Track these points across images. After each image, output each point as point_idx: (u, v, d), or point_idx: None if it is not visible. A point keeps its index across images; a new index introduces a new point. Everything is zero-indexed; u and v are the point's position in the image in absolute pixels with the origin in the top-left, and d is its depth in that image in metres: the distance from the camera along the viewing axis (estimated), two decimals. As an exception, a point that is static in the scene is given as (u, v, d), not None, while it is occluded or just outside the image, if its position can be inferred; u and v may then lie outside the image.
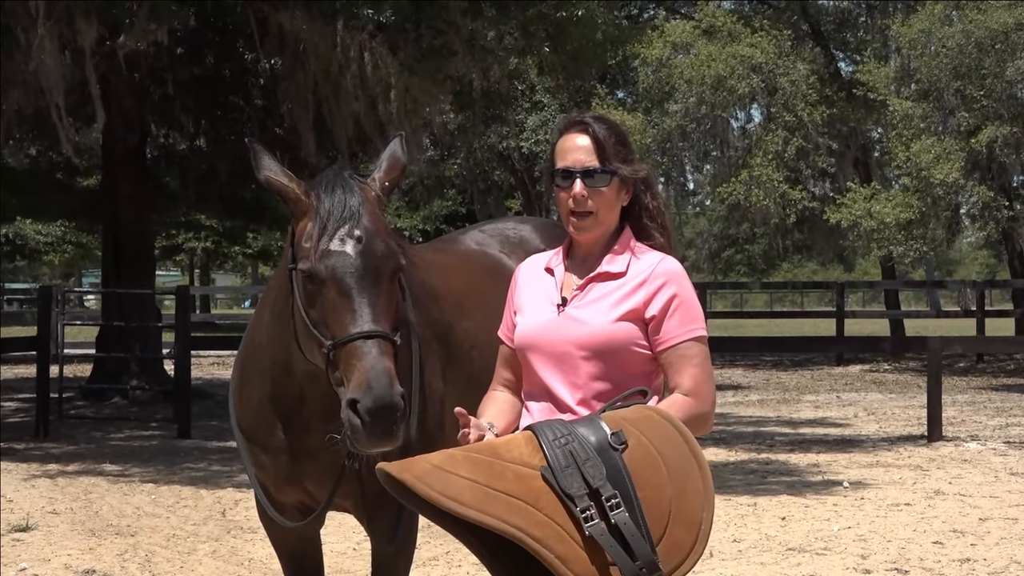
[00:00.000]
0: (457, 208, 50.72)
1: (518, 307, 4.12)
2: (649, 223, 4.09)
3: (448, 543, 9.46)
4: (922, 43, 28.16)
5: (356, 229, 4.25)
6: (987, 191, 27.91)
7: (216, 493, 12.21)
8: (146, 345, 21.01)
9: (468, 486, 3.28)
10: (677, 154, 31.74)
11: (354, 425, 3.97)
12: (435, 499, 3.25)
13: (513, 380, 4.17)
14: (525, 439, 3.46)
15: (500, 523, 3.25)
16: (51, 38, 15.51)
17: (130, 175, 21.13)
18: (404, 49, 17.21)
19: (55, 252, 57.05)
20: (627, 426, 3.46)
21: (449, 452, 3.43)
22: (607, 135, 3.98)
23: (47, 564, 9.06)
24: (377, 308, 4.15)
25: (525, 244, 6.13)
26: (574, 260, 4.08)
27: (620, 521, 3.30)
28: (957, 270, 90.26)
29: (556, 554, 3.25)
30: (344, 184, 4.36)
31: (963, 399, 22.21)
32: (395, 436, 4.00)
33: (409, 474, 3.29)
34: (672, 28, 30.00)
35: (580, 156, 3.96)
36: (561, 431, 3.43)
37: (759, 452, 15.21)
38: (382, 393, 3.94)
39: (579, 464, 3.34)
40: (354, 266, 4.18)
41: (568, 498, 3.30)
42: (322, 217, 4.27)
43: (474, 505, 3.25)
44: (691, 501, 3.42)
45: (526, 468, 3.35)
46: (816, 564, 9.03)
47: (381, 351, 4.04)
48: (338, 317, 4.15)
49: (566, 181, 3.96)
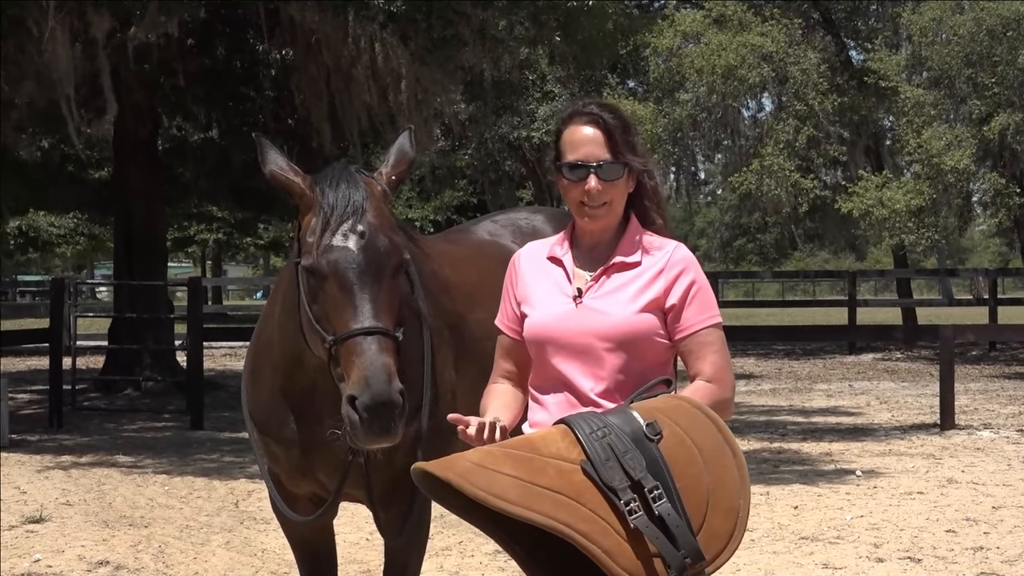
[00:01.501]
0: (468, 199, 50.69)
1: (524, 298, 4.06)
2: (649, 204, 4.06)
3: (461, 533, 9.46)
4: (933, 31, 28.10)
5: (359, 224, 4.25)
6: (999, 178, 27.86)
7: (229, 484, 12.23)
8: (158, 336, 21.06)
9: (512, 483, 3.25)
10: (688, 144, 31.66)
11: (353, 421, 3.98)
12: (482, 497, 3.23)
13: (515, 371, 4.12)
14: (561, 433, 3.42)
15: (547, 519, 3.22)
16: (62, 30, 15.53)
17: (141, 167, 21.17)
18: (415, 39, 17.21)
19: (67, 244, 57.16)
20: (660, 416, 3.45)
21: (487, 449, 3.40)
22: (616, 125, 3.93)
23: (61, 555, 9.07)
24: (379, 304, 4.15)
25: (537, 234, 6.10)
26: (580, 249, 4.03)
27: (664, 512, 3.28)
28: (969, 258, 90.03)
29: (603, 548, 3.23)
30: (349, 179, 4.36)
31: (976, 387, 22.17)
32: (394, 433, 4.01)
33: (453, 473, 3.26)
34: (682, 17, 29.90)
35: (592, 149, 3.90)
36: (597, 424, 3.40)
37: (771, 441, 15.21)
38: (380, 390, 3.94)
39: (619, 456, 3.32)
40: (356, 261, 4.18)
41: (611, 491, 3.27)
42: (325, 212, 4.27)
43: (520, 502, 3.23)
44: (728, 489, 3.41)
45: (566, 463, 3.32)
46: (829, 553, 9.03)
47: (381, 347, 4.04)
48: (339, 313, 4.15)
49: (576, 174, 3.90)
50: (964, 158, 26.44)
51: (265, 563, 8.89)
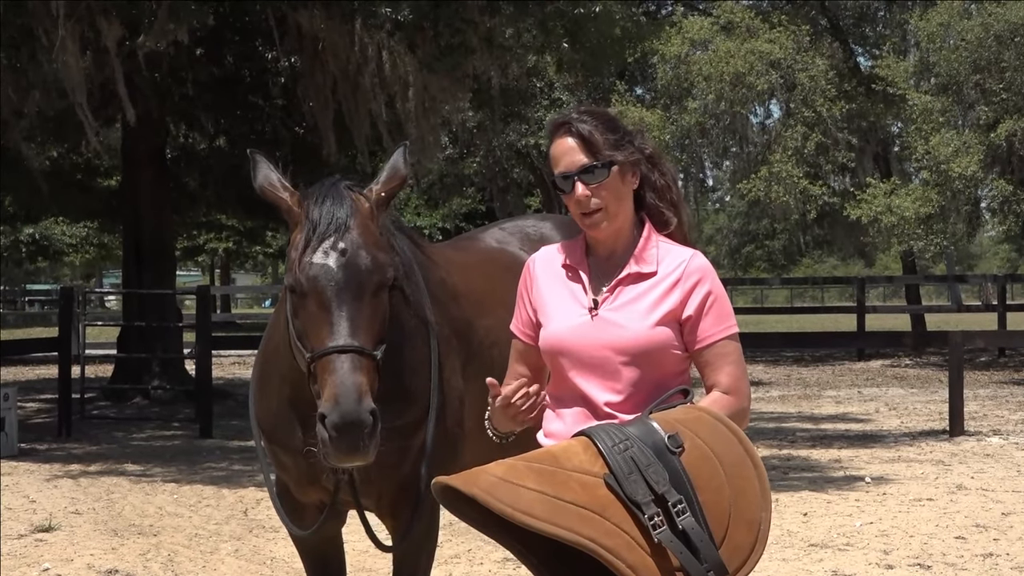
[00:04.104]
0: (476, 206, 50.67)
1: (539, 306, 4.02)
2: (659, 202, 4.01)
3: (470, 541, 9.46)
4: (941, 37, 28.07)
5: (341, 242, 4.25)
6: (1007, 184, 27.82)
7: (238, 492, 12.23)
8: (167, 345, 21.07)
9: (538, 498, 3.24)
10: (696, 151, 31.69)
11: (323, 439, 4.00)
12: (508, 513, 3.21)
13: (529, 376, 4.08)
14: (582, 445, 3.40)
15: (574, 535, 3.20)
16: (72, 38, 15.56)
17: (150, 175, 21.19)
18: (422, 47, 17.21)
19: (77, 253, 57.26)
20: (681, 428, 3.42)
21: (510, 463, 3.37)
22: (592, 128, 3.88)
23: (70, 564, 9.08)
24: (357, 322, 4.15)
25: (545, 241, 6.10)
26: (596, 258, 3.99)
27: (688, 526, 3.27)
28: (978, 264, 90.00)
29: (628, 563, 3.21)
30: (335, 195, 4.36)
31: (985, 393, 22.15)
32: (363, 452, 4.01)
33: (478, 488, 3.25)
34: (690, 24, 29.95)
35: (572, 158, 3.88)
36: (618, 436, 3.38)
37: (780, 448, 15.19)
38: (348, 409, 3.95)
39: (642, 470, 3.30)
40: (335, 279, 4.18)
41: (635, 505, 3.26)
42: (308, 229, 4.28)
43: (546, 518, 3.21)
44: (749, 501, 3.39)
45: (589, 476, 3.31)
46: (838, 560, 9.02)
47: (354, 366, 4.04)
48: (317, 330, 4.16)
49: (565, 185, 3.89)
50: (972, 164, 26.43)
51: (274, 571, 8.90)
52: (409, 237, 5.22)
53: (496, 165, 40.21)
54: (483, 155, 39.28)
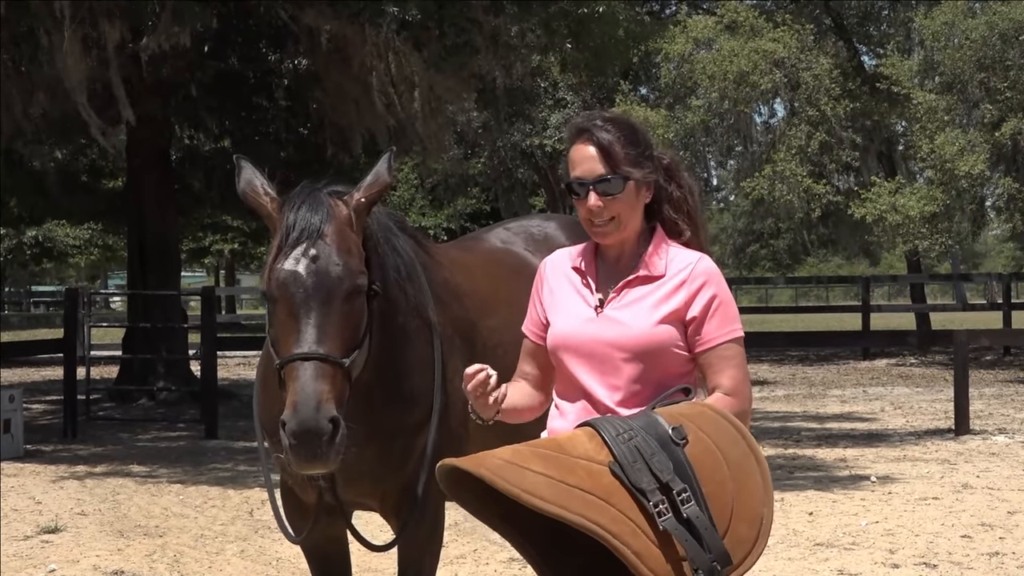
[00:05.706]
0: (481, 206, 50.65)
1: (549, 306, 4.05)
2: (675, 214, 4.03)
3: (475, 541, 9.46)
4: (945, 35, 28.04)
5: (312, 248, 4.24)
6: (1012, 183, 27.80)
7: (243, 493, 12.23)
8: (172, 346, 21.07)
9: (544, 481, 3.24)
10: (700, 150, 31.66)
11: (284, 446, 4.00)
12: (515, 494, 3.21)
13: (535, 375, 4.13)
14: (587, 435, 3.41)
15: (580, 518, 3.21)
16: (75, 40, 15.56)
17: (155, 177, 21.19)
18: (428, 47, 17.20)
19: (81, 254, 57.30)
20: (685, 421, 3.44)
21: (515, 448, 3.38)
22: (613, 140, 3.88)
23: (76, 565, 9.09)
24: (325, 329, 4.14)
25: (550, 242, 6.11)
26: (605, 260, 4.02)
27: (692, 515, 3.28)
28: (983, 263, 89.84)
29: (633, 550, 3.22)
30: (312, 201, 4.35)
31: (990, 392, 22.13)
32: (322, 459, 4.01)
33: (485, 469, 3.25)
34: (694, 24, 29.95)
35: (590, 166, 3.88)
36: (622, 427, 3.39)
37: (786, 447, 15.18)
38: (305, 417, 3.95)
39: (646, 459, 3.31)
40: (303, 285, 4.18)
41: (640, 493, 3.27)
42: (282, 234, 4.29)
43: (553, 500, 3.21)
44: (752, 496, 3.42)
45: (594, 464, 3.32)
46: (844, 559, 9.01)
47: (317, 374, 4.04)
48: (285, 336, 4.17)
49: (581, 190, 3.89)
50: (977, 163, 26.41)
51: (280, 572, 8.90)
52: (413, 237, 5.22)
53: (501, 165, 40.25)
54: (488, 155, 39.33)
